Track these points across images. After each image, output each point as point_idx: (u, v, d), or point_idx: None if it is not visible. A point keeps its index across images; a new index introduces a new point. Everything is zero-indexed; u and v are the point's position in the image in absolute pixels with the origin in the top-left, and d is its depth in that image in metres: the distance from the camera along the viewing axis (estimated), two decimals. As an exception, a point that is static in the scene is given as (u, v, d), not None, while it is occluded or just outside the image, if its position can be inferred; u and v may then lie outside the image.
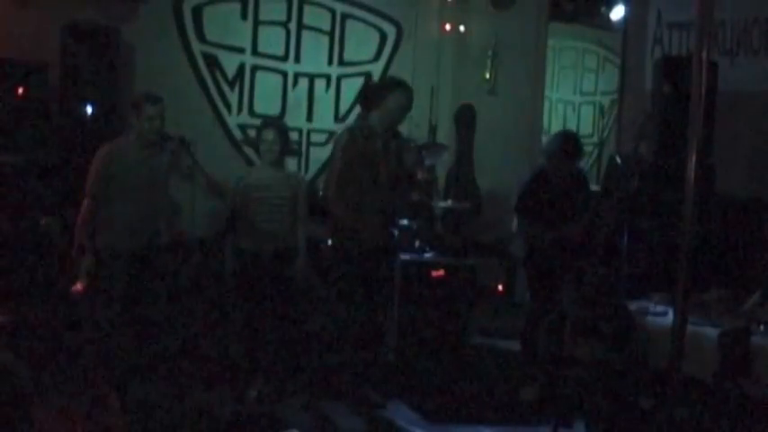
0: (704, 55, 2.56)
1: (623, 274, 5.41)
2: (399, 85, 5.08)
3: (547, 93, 8.30)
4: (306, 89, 7.44)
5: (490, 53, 7.46)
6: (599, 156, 8.63)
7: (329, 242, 5.22)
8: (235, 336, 5.40)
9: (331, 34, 7.50)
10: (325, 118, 7.51)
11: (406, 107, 5.03)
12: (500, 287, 7.06)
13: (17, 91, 5.60)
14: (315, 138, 7.51)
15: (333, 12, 7.48)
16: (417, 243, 5.94)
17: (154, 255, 4.95)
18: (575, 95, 9.47)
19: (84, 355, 4.89)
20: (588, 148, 8.03)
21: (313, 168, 7.51)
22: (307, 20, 7.36)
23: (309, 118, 7.46)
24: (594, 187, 6.30)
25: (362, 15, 7.60)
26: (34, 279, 5.33)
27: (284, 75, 7.34)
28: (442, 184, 7.48)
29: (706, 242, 4.72)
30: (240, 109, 7.18)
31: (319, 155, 7.51)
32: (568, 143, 5.29)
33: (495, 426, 4.80)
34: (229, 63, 7.10)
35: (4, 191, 5.49)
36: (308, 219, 5.33)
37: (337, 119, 7.58)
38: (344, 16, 7.53)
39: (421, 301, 5.66)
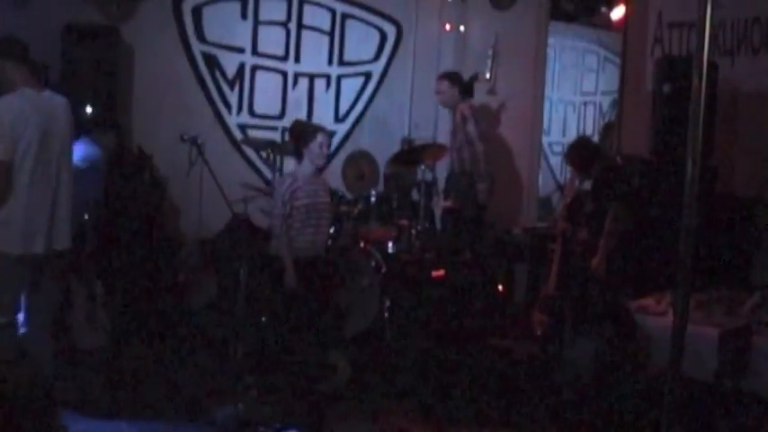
0: (704, 55, 2.56)
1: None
2: None
3: (547, 93, 8.30)
4: (306, 89, 7.44)
5: (490, 53, 7.45)
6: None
7: None
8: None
9: (331, 34, 7.49)
10: (325, 118, 7.51)
11: None
12: (500, 287, 7.05)
13: (17, 91, 5.59)
14: (315, 138, 7.51)
15: (333, 12, 7.48)
16: (417, 243, 5.94)
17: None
18: (575, 95, 9.46)
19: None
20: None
21: (313, 168, 7.51)
22: (307, 20, 7.36)
23: (309, 118, 7.45)
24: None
25: (362, 15, 7.60)
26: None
27: (284, 75, 7.34)
28: (442, 185, 7.47)
29: (706, 242, 4.72)
30: (240, 109, 7.18)
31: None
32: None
33: (495, 426, 4.80)
34: (229, 63, 7.10)
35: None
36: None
37: (337, 119, 7.59)
38: (344, 16, 7.52)
39: (421, 301, 5.66)
